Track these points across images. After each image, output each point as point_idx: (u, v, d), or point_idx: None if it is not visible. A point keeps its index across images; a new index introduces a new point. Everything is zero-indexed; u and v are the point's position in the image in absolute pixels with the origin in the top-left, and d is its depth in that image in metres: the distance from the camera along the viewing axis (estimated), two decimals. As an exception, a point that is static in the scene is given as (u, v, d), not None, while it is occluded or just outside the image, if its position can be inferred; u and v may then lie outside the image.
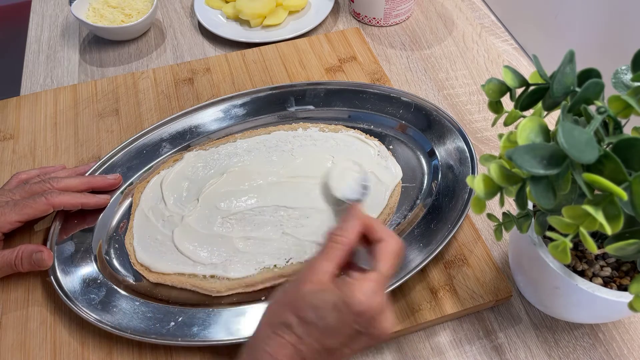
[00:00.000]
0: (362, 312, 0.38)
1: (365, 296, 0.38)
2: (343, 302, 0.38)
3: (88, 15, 0.81)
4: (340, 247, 0.41)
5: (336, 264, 0.40)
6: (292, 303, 0.39)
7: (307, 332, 0.38)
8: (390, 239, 0.41)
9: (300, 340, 0.38)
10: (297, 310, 0.38)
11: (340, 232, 0.41)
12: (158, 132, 0.66)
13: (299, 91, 0.69)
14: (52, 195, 0.55)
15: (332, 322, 0.38)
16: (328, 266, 0.40)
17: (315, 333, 0.38)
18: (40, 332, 0.52)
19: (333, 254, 0.40)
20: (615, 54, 0.62)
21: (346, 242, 0.41)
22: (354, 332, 0.38)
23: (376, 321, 0.39)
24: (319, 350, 0.38)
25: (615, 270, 0.45)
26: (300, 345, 0.38)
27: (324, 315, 0.38)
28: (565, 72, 0.37)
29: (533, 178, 0.34)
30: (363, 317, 0.38)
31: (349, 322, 0.38)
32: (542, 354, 0.51)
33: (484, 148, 0.67)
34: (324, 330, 0.38)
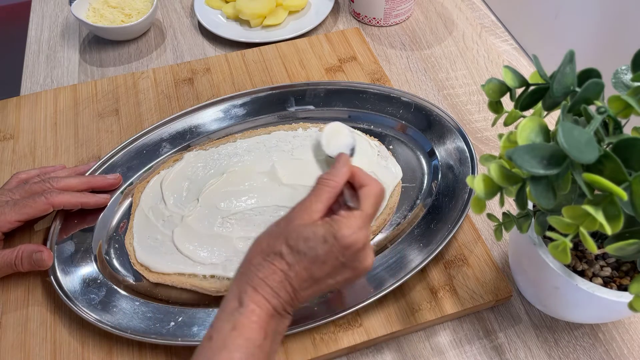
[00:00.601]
0: (348, 245, 0.41)
1: (351, 231, 0.41)
2: (332, 235, 0.41)
3: (88, 15, 0.81)
4: (330, 190, 0.44)
5: (326, 205, 0.44)
6: (284, 234, 0.42)
7: (297, 260, 0.41)
8: (372, 183, 0.45)
9: (290, 267, 0.41)
10: (289, 240, 0.41)
11: (330, 176, 0.45)
12: (158, 132, 0.66)
13: (299, 91, 0.69)
14: (52, 195, 0.55)
15: (321, 253, 0.41)
16: (318, 206, 0.43)
17: (305, 262, 0.41)
18: (40, 332, 0.52)
19: (323, 195, 0.44)
20: (615, 54, 0.62)
21: (335, 185, 0.44)
22: (339, 264, 0.42)
23: (360, 255, 0.42)
24: (306, 278, 0.41)
25: (615, 270, 0.45)
26: (289, 272, 0.41)
27: (313, 246, 0.41)
28: (565, 72, 0.37)
29: (533, 178, 0.34)
30: (349, 250, 0.41)
31: (336, 254, 0.41)
32: (542, 354, 0.51)
33: (484, 148, 0.67)
34: (313, 259, 0.41)
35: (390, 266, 0.53)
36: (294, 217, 0.43)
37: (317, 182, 0.45)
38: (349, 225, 0.41)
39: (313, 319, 0.50)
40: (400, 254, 0.54)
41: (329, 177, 0.45)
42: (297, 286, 0.41)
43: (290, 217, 0.43)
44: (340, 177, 0.45)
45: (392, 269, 0.53)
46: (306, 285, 0.42)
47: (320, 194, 0.44)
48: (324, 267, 0.41)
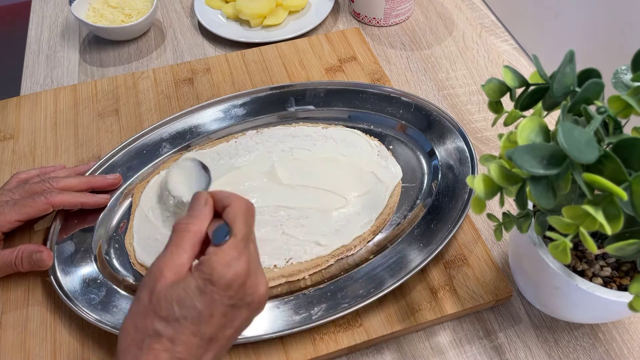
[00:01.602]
0: (229, 283, 0.35)
1: (227, 266, 0.35)
2: (206, 282, 0.35)
3: (88, 15, 0.81)
4: (190, 236, 0.38)
5: (190, 254, 0.37)
6: (152, 308, 0.35)
7: (179, 329, 0.35)
8: (234, 202, 0.39)
9: (174, 341, 0.34)
10: (159, 312, 0.35)
11: (188, 219, 0.39)
12: (158, 132, 0.66)
13: (299, 91, 0.69)
14: (52, 195, 0.55)
15: (202, 308, 0.35)
16: (181, 258, 0.37)
17: (188, 327, 0.35)
18: (40, 332, 0.52)
19: (184, 245, 0.37)
20: (615, 54, 0.62)
21: (195, 230, 0.38)
22: (228, 309, 0.36)
23: (247, 287, 0.36)
24: (198, 344, 0.35)
25: (615, 270, 0.45)
26: (175, 347, 0.34)
27: (190, 305, 0.35)
28: (565, 72, 0.37)
29: (533, 178, 0.34)
30: (232, 288, 0.35)
31: (220, 299, 0.35)
32: (542, 354, 0.51)
33: (484, 148, 0.67)
34: (196, 319, 0.35)
35: (390, 266, 0.53)
36: (156, 281, 0.36)
37: (173, 230, 0.38)
38: (222, 262, 0.35)
39: (313, 319, 0.50)
40: (400, 254, 0.54)
41: (188, 221, 0.38)
42: (192, 358, 0.35)
43: (150, 283, 0.36)
44: (201, 219, 0.39)
45: (392, 269, 0.53)
46: (202, 351, 0.35)
47: (181, 245, 0.37)
48: (212, 321, 0.35)
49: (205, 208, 0.39)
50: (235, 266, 0.36)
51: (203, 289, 0.35)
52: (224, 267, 0.35)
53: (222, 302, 0.35)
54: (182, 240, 0.37)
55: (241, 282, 0.36)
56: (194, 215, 0.39)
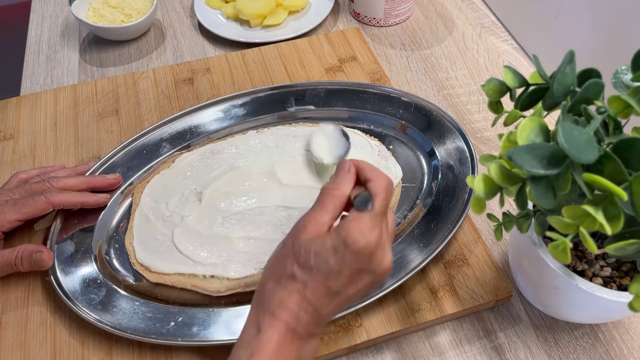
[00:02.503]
0: (360, 249, 0.39)
1: (362, 234, 0.39)
2: (341, 243, 0.39)
3: (88, 15, 0.81)
4: (335, 200, 0.42)
5: (331, 215, 0.41)
6: (293, 253, 0.40)
7: (311, 277, 0.39)
8: (376, 178, 0.42)
9: (306, 286, 0.39)
10: (298, 258, 0.39)
11: (333, 184, 0.42)
12: (158, 132, 0.66)
13: (299, 91, 0.69)
14: (52, 194, 0.55)
15: (334, 264, 0.39)
16: (324, 217, 0.41)
17: (319, 277, 0.39)
18: (40, 332, 0.52)
19: (329, 206, 0.41)
20: (615, 54, 0.62)
21: (340, 195, 0.42)
22: (355, 271, 0.39)
23: (375, 256, 0.40)
24: (325, 293, 0.39)
25: (615, 270, 0.45)
26: (306, 290, 0.39)
27: (325, 259, 0.39)
28: (565, 72, 0.37)
29: (533, 178, 0.34)
30: (362, 254, 0.39)
31: (350, 261, 0.39)
32: (542, 354, 0.51)
33: (484, 148, 0.67)
34: (327, 272, 0.39)
35: (390, 266, 0.53)
36: (300, 232, 0.40)
37: (321, 192, 0.43)
38: (358, 229, 0.39)
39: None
40: (400, 254, 0.54)
41: (333, 186, 0.43)
42: (317, 304, 0.39)
43: (296, 232, 0.41)
44: (345, 185, 0.43)
45: (392, 269, 0.53)
46: (326, 301, 0.39)
47: (325, 205, 0.41)
48: (340, 277, 0.39)
49: (348, 175, 0.43)
50: (368, 236, 0.39)
51: (337, 248, 0.39)
52: (359, 234, 0.39)
53: (350, 264, 0.39)
54: (326, 202, 0.42)
55: (370, 251, 0.39)
56: (338, 181, 0.43)
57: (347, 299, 0.41)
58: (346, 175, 0.43)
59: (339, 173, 0.44)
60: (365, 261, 0.39)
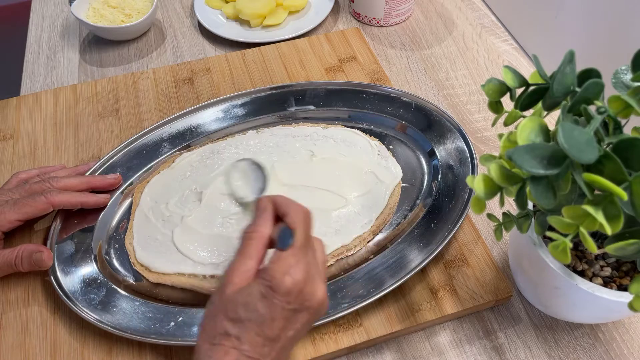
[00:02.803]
0: (288, 290, 0.38)
1: (286, 273, 0.38)
2: (267, 288, 0.38)
3: (88, 15, 0.81)
4: (254, 243, 0.40)
5: (255, 260, 0.40)
6: (221, 310, 0.38)
7: (244, 329, 0.38)
8: (293, 210, 0.41)
9: (241, 340, 0.37)
10: (228, 313, 0.38)
11: (252, 227, 0.41)
12: (158, 132, 0.66)
13: (299, 91, 0.69)
14: (52, 194, 0.55)
15: (265, 312, 0.38)
16: (247, 264, 0.40)
17: (252, 327, 0.38)
18: (40, 332, 0.52)
19: (250, 252, 0.40)
20: (615, 54, 0.62)
21: (258, 237, 0.41)
22: (289, 313, 0.38)
23: (306, 293, 0.39)
24: (263, 342, 0.38)
25: (615, 270, 0.45)
26: (242, 345, 0.37)
27: (254, 308, 0.38)
28: (565, 72, 0.37)
29: (533, 178, 0.34)
30: (291, 294, 0.38)
31: (281, 304, 0.38)
32: (542, 354, 0.51)
33: (484, 148, 0.67)
34: (260, 321, 0.38)
35: (390, 266, 0.53)
36: (225, 286, 0.39)
37: (241, 237, 0.41)
38: (281, 269, 0.38)
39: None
40: (400, 254, 0.54)
41: (252, 229, 0.41)
42: (257, 355, 0.38)
43: (223, 287, 0.39)
44: (263, 225, 0.41)
45: (392, 269, 0.53)
46: (267, 350, 0.38)
47: (246, 251, 0.40)
48: (275, 323, 0.38)
49: (265, 214, 0.42)
50: (293, 274, 0.38)
51: (265, 294, 0.38)
52: (283, 275, 0.38)
53: (282, 307, 0.38)
54: (248, 247, 0.40)
55: (299, 289, 0.38)
56: (257, 223, 0.41)
57: (289, 341, 0.39)
58: (263, 215, 0.42)
59: (256, 214, 0.42)
60: (296, 301, 0.38)
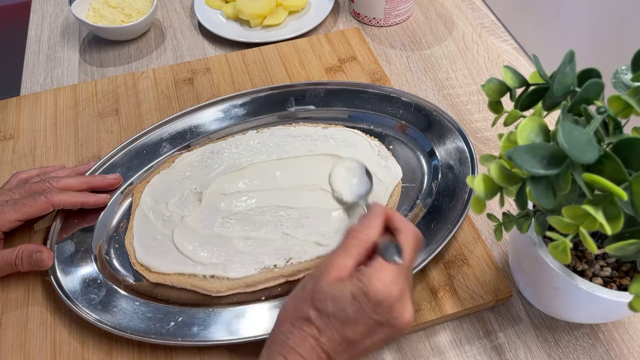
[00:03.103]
0: (380, 301, 0.38)
1: (383, 285, 0.38)
2: (361, 292, 0.38)
3: (88, 15, 0.81)
4: (359, 244, 0.40)
5: (355, 260, 0.40)
6: (311, 296, 0.39)
7: (327, 323, 0.38)
8: (407, 230, 0.41)
9: (321, 332, 0.38)
10: (316, 303, 0.38)
11: (360, 227, 0.41)
12: (158, 132, 0.66)
13: (299, 91, 0.69)
14: (52, 194, 0.55)
15: (351, 313, 0.38)
16: (346, 261, 0.39)
17: (336, 324, 0.38)
18: (40, 332, 0.52)
19: (352, 250, 0.40)
20: (615, 54, 0.62)
21: (365, 239, 0.40)
22: (373, 323, 0.38)
23: (395, 310, 0.38)
24: (340, 341, 0.38)
25: (615, 270, 0.45)
26: (321, 337, 0.38)
27: (342, 306, 0.38)
28: (565, 72, 0.37)
29: (533, 178, 0.34)
30: (382, 307, 0.38)
31: (368, 312, 0.38)
32: (542, 354, 0.51)
33: (484, 148, 0.67)
34: (344, 321, 0.38)
35: (390, 266, 0.53)
36: (321, 275, 0.39)
37: (346, 233, 0.41)
38: (380, 279, 0.38)
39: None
40: (400, 254, 0.54)
41: (360, 229, 0.41)
42: (331, 351, 0.38)
43: (317, 275, 0.40)
44: (373, 230, 0.41)
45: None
46: (340, 349, 0.38)
47: (349, 249, 0.40)
48: (357, 327, 0.38)
49: (378, 220, 0.42)
50: (391, 288, 0.38)
51: (357, 297, 0.38)
52: (381, 285, 0.38)
53: (369, 315, 0.38)
54: (351, 245, 0.40)
55: (391, 303, 0.38)
56: (366, 225, 0.41)
57: (363, 350, 0.39)
58: (375, 220, 0.42)
59: (369, 216, 0.42)
60: (384, 314, 0.38)
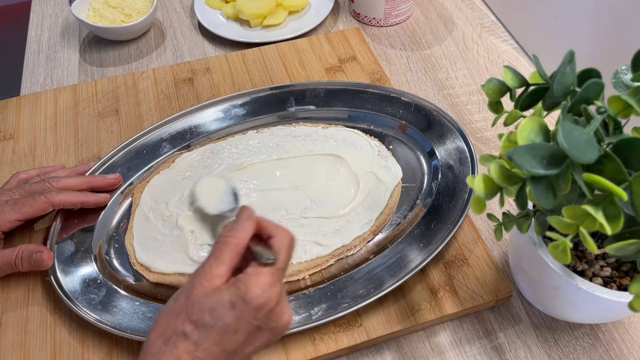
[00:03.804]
0: (259, 306, 0.37)
1: (262, 289, 0.37)
2: (239, 298, 0.36)
3: (88, 15, 0.81)
4: (230, 248, 0.39)
5: (228, 266, 0.38)
6: (185, 310, 0.37)
7: (204, 336, 0.36)
8: (280, 234, 0.40)
9: (197, 346, 0.36)
10: (191, 316, 0.36)
11: (230, 232, 0.39)
12: (158, 132, 0.66)
13: (299, 91, 0.69)
14: (52, 194, 0.55)
15: (230, 321, 0.36)
16: (220, 269, 0.38)
17: (214, 336, 0.36)
18: (40, 332, 0.52)
19: (224, 256, 0.38)
20: (615, 54, 0.62)
21: (237, 243, 0.39)
22: (253, 329, 0.37)
23: (274, 313, 0.38)
24: (219, 353, 0.36)
25: (615, 270, 0.45)
26: (197, 351, 0.36)
27: (220, 315, 0.36)
28: (565, 72, 0.37)
29: (533, 178, 0.34)
30: (261, 311, 0.37)
31: (248, 318, 0.37)
32: (542, 354, 0.51)
33: (484, 148, 0.67)
34: (223, 331, 0.36)
35: (390, 266, 0.53)
36: (194, 286, 0.37)
37: (216, 241, 0.40)
38: (257, 284, 0.37)
39: (313, 319, 0.50)
40: (400, 254, 0.54)
41: (230, 233, 0.39)
42: None
43: (189, 286, 0.38)
44: (243, 232, 0.39)
45: (392, 269, 0.53)
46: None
47: (220, 255, 0.38)
48: (236, 336, 0.37)
49: (247, 222, 0.40)
50: (269, 291, 0.37)
51: (235, 304, 0.36)
52: (259, 289, 0.37)
53: (248, 321, 0.37)
54: (222, 252, 0.38)
55: (270, 307, 0.37)
56: (236, 229, 0.39)
57: (244, 358, 0.38)
58: (244, 223, 0.40)
59: (238, 220, 0.40)
60: (264, 318, 0.37)
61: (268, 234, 0.40)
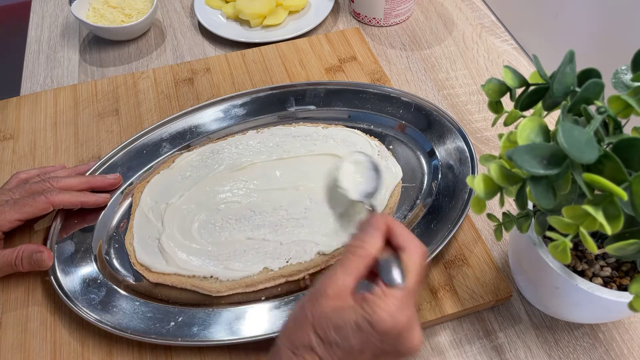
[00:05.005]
0: (387, 331, 0.36)
1: (389, 314, 0.36)
2: (366, 322, 0.36)
3: (88, 15, 0.81)
4: (358, 260, 0.38)
5: (355, 277, 0.38)
6: (312, 322, 0.37)
7: (330, 353, 0.36)
8: (412, 248, 0.39)
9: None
10: (318, 329, 0.36)
11: (360, 243, 0.39)
12: (158, 132, 0.66)
13: (299, 91, 0.69)
14: (52, 194, 0.55)
15: (356, 343, 0.36)
16: (346, 280, 0.37)
17: (339, 353, 0.36)
18: (40, 332, 0.52)
19: (350, 267, 0.38)
20: (615, 54, 0.62)
21: (364, 255, 0.38)
22: (379, 351, 0.36)
23: (402, 337, 0.37)
24: None
25: (615, 270, 0.45)
26: None
27: (346, 336, 0.36)
28: (565, 72, 0.37)
29: (533, 178, 0.34)
30: (388, 336, 0.36)
31: (374, 342, 0.36)
32: (542, 354, 0.51)
33: (484, 148, 0.67)
34: (348, 350, 0.36)
35: (390, 266, 0.53)
36: (321, 295, 0.37)
37: (345, 250, 0.39)
38: (386, 309, 0.36)
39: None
40: (400, 254, 0.54)
41: (359, 244, 0.38)
42: None
43: (316, 296, 0.37)
44: (372, 244, 0.38)
45: (392, 269, 0.53)
46: None
47: (347, 266, 0.38)
48: (362, 357, 0.36)
49: (377, 233, 0.39)
50: (397, 317, 0.36)
51: (361, 326, 0.36)
52: (387, 314, 0.36)
53: (375, 344, 0.36)
54: (349, 263, 0.38)
55: (398, 332, 0.36)
56: (365, 240, 0.39)
57: None
58: (374, 234, 0.39)
59: (368, 230, 0.39)
60: (391, 343, 0.36)
61: (398, 244, 0.39)
